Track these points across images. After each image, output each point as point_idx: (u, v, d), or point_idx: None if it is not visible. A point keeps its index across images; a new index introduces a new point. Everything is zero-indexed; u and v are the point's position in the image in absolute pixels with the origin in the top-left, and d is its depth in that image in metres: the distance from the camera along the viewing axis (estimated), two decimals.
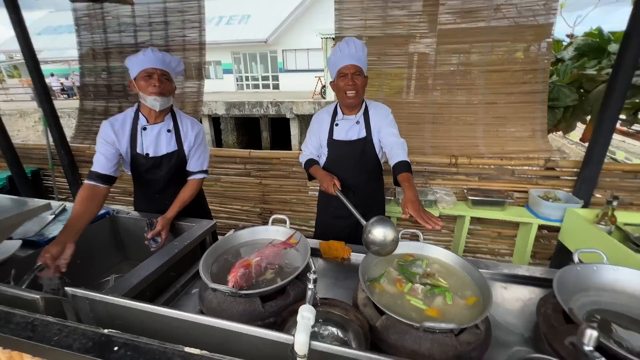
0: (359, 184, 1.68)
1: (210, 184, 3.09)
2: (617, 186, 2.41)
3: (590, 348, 0.60)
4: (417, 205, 1.07)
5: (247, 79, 18.52)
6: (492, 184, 2.57)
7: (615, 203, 1.87)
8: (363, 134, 1.61)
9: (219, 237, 1.31)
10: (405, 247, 1.22)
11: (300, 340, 0.61)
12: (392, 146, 1.46)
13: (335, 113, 1.67)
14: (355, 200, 1.41)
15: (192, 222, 1.52)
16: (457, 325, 0.78)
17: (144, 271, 1.11)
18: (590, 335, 0.60)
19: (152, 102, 1.42)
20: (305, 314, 0.66)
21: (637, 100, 3.22)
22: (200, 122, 1.68)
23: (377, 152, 1.64)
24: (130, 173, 1.56)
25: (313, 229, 1.99)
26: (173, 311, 0.72)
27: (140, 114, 1.50)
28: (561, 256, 2.46)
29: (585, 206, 2.26)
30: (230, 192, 3.09)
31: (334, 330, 0.94)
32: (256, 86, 18.53)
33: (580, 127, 3.66)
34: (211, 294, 1.04)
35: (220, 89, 17.61)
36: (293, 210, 3.00)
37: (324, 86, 13.81)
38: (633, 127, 3.20)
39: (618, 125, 2.20)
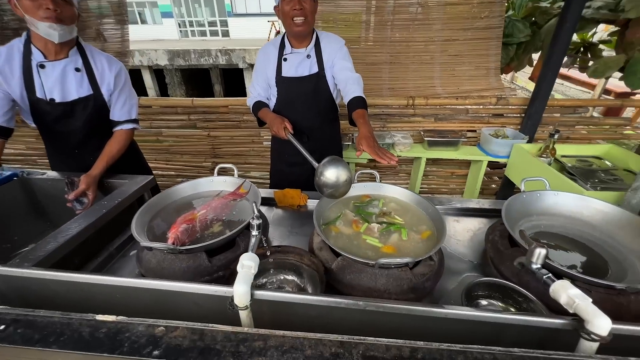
0: (313, 126, 1.56)
1: (150, 139, 2.76)
2: (557, 121, 2.57)
3: (538, 266, 0.60)
4: (372, 142, 1.00)
5: (191, 24, 16.36)
6: (447, 124, 2.60)
7: (556, 136, 1.98)
8: (315, 69, 1.45)
9: None
10: (361, 189, 1.18)
11: (239, 291, 0.53)
12: (346, 81, 1.33)
13: (282, 46, 1.46)
14: (309, 145, 1.30)
15: (125, 179, 1.33)
16: (412, 259, 0.76)
17: (62, 236, 0.95)
18: (539, 253, 0.60)
19: (47, 30, 1.12)
20: (246, 263, 0.58)
21: (579, 40, 3.34)
22: (140, 74, 1.38)
23: (332, 90, 1.50)
24: (34, 125, 1.28)
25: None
26: (84, 275, 0.60)
27: (32, 46, 1.18)
28: (506, 190, 2.65)
29: (529, 141, 2.38)
30: (175, 148, 2.81)
31: (288, 276, 0.89)
32: (203, 33, 16.52)
33: (527, 72, 3.77)
34: (149, 254, 0.92)
35: (160, 36, 15.50)
36: (248, 163, 2.84)
37: (278, 32, 12.75)
38: (575, 65, 3.33)
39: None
